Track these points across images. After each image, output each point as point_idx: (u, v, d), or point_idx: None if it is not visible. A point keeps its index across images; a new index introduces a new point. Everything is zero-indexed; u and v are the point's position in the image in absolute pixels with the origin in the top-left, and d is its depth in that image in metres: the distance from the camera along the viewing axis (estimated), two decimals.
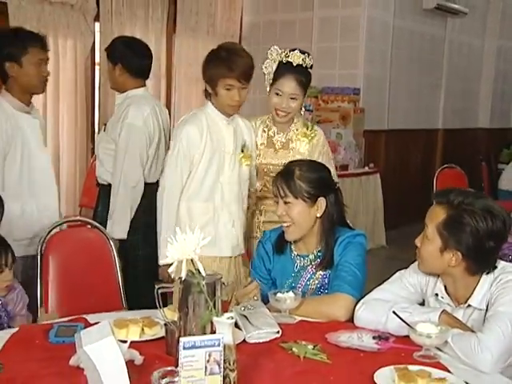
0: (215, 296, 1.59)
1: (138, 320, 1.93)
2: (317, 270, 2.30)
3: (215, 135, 2.79)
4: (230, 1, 7.06)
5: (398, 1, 6.82)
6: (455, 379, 1.64)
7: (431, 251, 1.97)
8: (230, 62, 2.70)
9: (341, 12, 6.49)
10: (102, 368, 1.45)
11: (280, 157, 2.95)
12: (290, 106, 2.89)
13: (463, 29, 8.12)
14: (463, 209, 1.91)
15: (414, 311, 1.93)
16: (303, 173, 2.28)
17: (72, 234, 2.70)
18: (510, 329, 1.78)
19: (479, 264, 1.94)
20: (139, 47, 3.46)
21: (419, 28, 7.26)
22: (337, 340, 1.90)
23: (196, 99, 6.87)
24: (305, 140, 2.99)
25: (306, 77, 2.90)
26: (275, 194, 2.32)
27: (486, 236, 1.89)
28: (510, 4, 8.80)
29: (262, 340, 1.89)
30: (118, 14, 5.91)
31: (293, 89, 2.86)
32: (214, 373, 1.45)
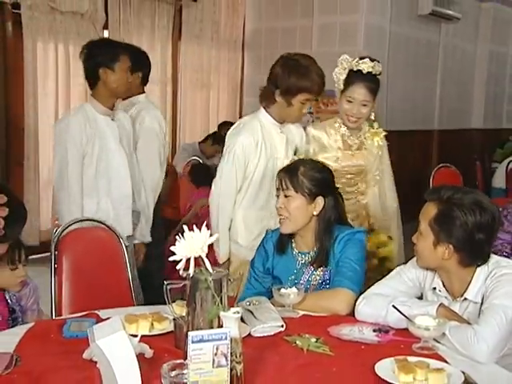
0: (222, 292, 1.59)
1: (147, 315, 1.93)
2: (317, 267, 2.30)
3: (269, 143, 2.82)
4: (233, 8, 7.06)
5: (395, 7, 6.80)
6: (453, 369, 1.64)
7: (425, 246, 1.97)
8: (313, 77, 2.75)
9: (339, 18, 6.48)
10: (114, 361, 1.45)
11: (359, 158, 2.98)
12: (361, 111, 2.88)
13: (457, 34, 8.10)
14: (453, 203, 1.92)
15: (412, 305, 1.93)
16: (307, 170, 2.29)
17: (84, 233, 2.69)
18: (505, 320, 1.78)
19: (471, 256, 1.94)
20: (147, 57, 3.54)
21: (415, 33, 7.25)
22: (339, 333, 1.90)
23: (201, 104, 6.89)
24: (374, 138, 3.00)
25: (375, 83, 2.89)
26: (277, 186, 2.32)
27: (476, 228, 1.90)
28: (501, 10, 8.80)
29: (266, 333, 1.89)
30: (125, 22, 5.92)
31: (364, 95, 2.85)
32: (222, 365, 1.45)
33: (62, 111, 5.49)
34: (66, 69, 5.49)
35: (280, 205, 2.29)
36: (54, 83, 5.45)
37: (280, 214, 2.30)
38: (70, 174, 2.86)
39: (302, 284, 2.27)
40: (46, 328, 1.93)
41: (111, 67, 2.90)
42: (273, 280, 2.35)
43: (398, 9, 6.88)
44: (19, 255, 2.20)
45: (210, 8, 6.77)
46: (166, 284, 1.70)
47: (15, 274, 2.20)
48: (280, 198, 2.30)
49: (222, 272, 1.63)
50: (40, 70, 5.34)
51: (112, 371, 1.45)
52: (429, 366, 1.63)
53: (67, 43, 5.45)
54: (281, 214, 2.29)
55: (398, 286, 2.09)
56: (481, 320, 1.81)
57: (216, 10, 6.87)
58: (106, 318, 1.83)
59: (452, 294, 2.01)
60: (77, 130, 2.87)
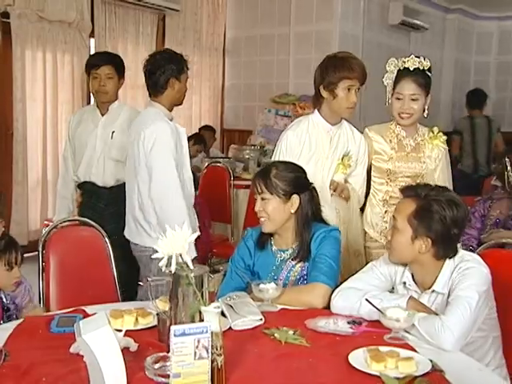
0: (203, 287, 1.59)
1: (132, 310, 1.92)
2: (296, 263, 2.30)
3: (314, 141, 2.77)
4: (214, 17, 7.05)
5: (367, 17, 6.85)
6: (421, 358, 1.65)
7: (403, 241, 1.98)
8: (351, 64, 2.71)
9: (315, 27, 6.51)
10: (100, 354, 1.44)
11: (413, 159, 2.83)
12: (412, 107, 2.75)
13: (424, 42, 8.17)
14: (431, 199, 1.95)
15: (384, 298, 1.95)
16: (279, 172, 2.28)
17: (71, 232, 2.68)
18: (469, 311, 1.80)
19: (445, 249, 1.96)
20: None
21: (386, 41, 7.30)
22: (315, 325, 1.90)
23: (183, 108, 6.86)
24: (433, 143, 2.85)
25: (424, 78, 2.76)
26: (254, 191, 2.32)
27: (452, 223, 1.93)
28: (464, 21, 8.90)
29: (246, 327, 1.89)
30: (111, 30, 5.90)
31: (412, 89, 2.73)
32: (203, 357, 1.45)
33: (49, 116, 5.45)
34: (54, 75, 5.45)
35: (258, 208, 2.28)
36: (42, 89, 5.40)
37: (260, 216, 2.29)
38: (176, 184, 2.81)
39: (280, 280, 2.27)
40: (34, 324, 1.91)
41: (178, 78, 2.98)
42: (252, 276, 2.35)
43: (370, 18, 6.93)
44: (15, 257, 2.17)
45: (192, 17, 6.76)
46: (150, 280, 1.70)
47: (10, 275, 2.17)
48: (257, 201, 2.29)
49: (202, 268, 1.63)
50: (28, 76, 5.29)
51: (98, 364, 1.44)
52: (399, 355, 1.64)
53: (55, 51, 5.41)
54: (261, 216, 2.29)
55: (371, 280, 2.10)
56: (447, 311, 1.83)
57: (198, 19, 6.86)
58: (93, 314, 1.82)
59: (421, 286, 2.02)
60: (171, 136, 2.86)
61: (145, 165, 2.84)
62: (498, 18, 9.29)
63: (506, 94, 9.23)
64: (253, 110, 6.94)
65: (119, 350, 1.47)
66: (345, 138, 2.82)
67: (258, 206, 2.29)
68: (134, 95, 6.24)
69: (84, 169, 3.40)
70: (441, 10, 8.51)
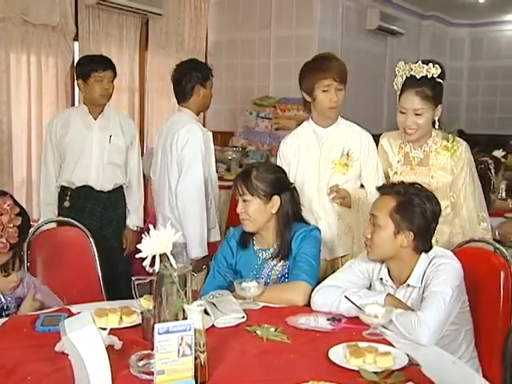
0: (186, 286, 1.59)
1: (116, 309, 1.91)
2: (277, 262, 2.30)
3: (304, 147, 2.71)
4: (196, 21, 7.03)
5: (345, 22, 6.88)
6: (398, 352, 1.66)
7: (385, 237, 1.98)
8: (324, 65, 2.62)
9: (295, 32, 6.53)
10: (85, 352, 1.43)
11: (417, 174, 2.55)
12: (416, 122, 2.46)
13: (401, 47, 8.24)
14: (411, 193, 1.98)
15: (362, 295, 1.96)
16: (259, 173, 2.27)
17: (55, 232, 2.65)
18: (443, 306, 1.82)
19: (424, 243, 1.99)
20: None
21: (364, 46, 7.35)
22: (296, 322, 1.90)
23: (167, 110, 6.83)
24: (446, 154, 2.52)
25: (432, 88, 2.45)
26: (235, 193, 2.31)
27: (431, 216, 1.96)
28: (438, 28, 9.00)
29: (228, 324, 1.89)
30: (94, 34, 5.83)
31: (416, 103, 2.44)
32: (186, 354, 1.44)
33: (34, 118, 5.39)
34: (38, 78, 5.38)
35: (240, 209, 2.27)
36: (26, 91, 5.33)
37: (241, 217, 2.28)
38: (201, 182, 3.02)
39: (262, 278, 2.27)
40: (19, 323, 1.89)
41: (203, 84, 3.16)
42: (235, 275, 2.35)
43: (348, 24, 6.96)
44: (13, 263, 2.12)
45: (174, 21, 6.73)
46: (134, 280, 1.69)
47: (7, 280, 2.12)
48: (239, 202, 2.28)
49: (186, 267, 1.63)
50: (13, 79, 5.22)
51: (83, 362, 1.43)
52: (377, 350, 1.65)
53: (39, 54, 5.35)
54: (242, 217, 2.28)
55: (350, 277, 2.11)
56: (423, 306, 1.85)
57: (180, 23, 6.82)
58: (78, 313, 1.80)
59: (397, 281, 2.04)
60: (202, 138, 3.07)
61: (176, 163, 3.02)
62: (470, 25, 9.43)
63: (476, 99, 9.35)
64: (234, 112, 6.93)
65: (104, 348, 1.46)
66: (343, 138, 2.69)
67: (240, 207, 2.27)
68: (118, 98, 6.18)
69: (81, 174, 3.28)
70: (416, 17, 8.59)
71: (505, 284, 2.12)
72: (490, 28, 9.39)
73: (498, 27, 9.36)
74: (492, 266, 2.17)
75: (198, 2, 7.00)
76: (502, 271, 2.13)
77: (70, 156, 3.28)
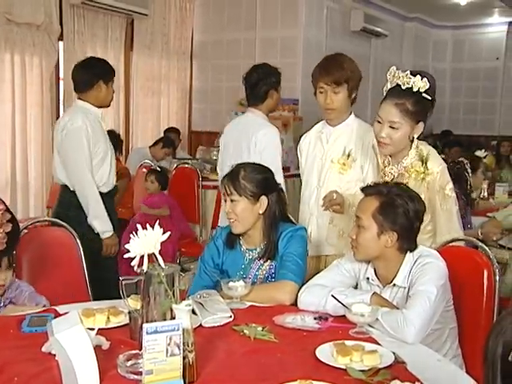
0: (174, 286, 1.58)
1: (103, 309, 1.90)
2: (264, 262, 2.30)
3: (316, 142, 2.79)
4: (181, 22, 7.02)
5: (329, 24, 6.92)
6: (384, 350, 1.67)
7: (369, 237, 1.99)
8: (323, 67, 2.69)
9: (280, 33, 6.54)
10: (72, 353, 1.42)
11: None
12: (390, 135, 2.25)
13: (385, 48, 8.30)
14: (394, 194, 1.97)
15: (349, 294, 1.96)
16: (247, 174, 2.26)
17: (41, 232, 2.63)
18: (428, 304, 1.84)
19: (408, 243, 1.99)
20: None
21: (348, 47, 7.35)
22: (283, 322, 1.91)
23: (152, 110, 6.82)
24: (416, 179, 2.31)
25: (414, 103, 2.22)
26: (223, 192, 2.30)
27: (414, 216, 1.96)
28: (421, 29, 9.10)
29: (216, 324, 1.88)
30: (79, 33, 5.81)
31: (393, 116, 2.23)
32: (175, 354, 1.44)
33: (18, 118, 5.35)
34: (23, 78, 5.34)
35: (228, 209, 2.26)
36: (10, 91, 5.29)
37: (229, 217, 2.28)
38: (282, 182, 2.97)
39: (249, 278, 2.26)
40: (5, 324, 1.87)
41: (277, 89, 3.35)
42: (221, 274, 2.34)
43: (332, 25, 7.00)
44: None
45: (160, 21, 6.71)
46: (122, 279, 1.68)
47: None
48: (227, 202, 2.27)
49: (173, 267, 1.62)
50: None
51: (70, 363, 1.42)
52: (364, 348, 1.66)
53: (23, 53, 5.30)
54: (230, 217, 2.27)
55: (336, 277, 2.11)
56: (408, 305, 1.86)
57: (166, 23, 6.81)
58: (64, 313, 1.79)
59: (383, 281, 2.05)
60: (279, 138, 3.27)
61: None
62: (452, 27, 9.54)
63: (459, 100, 9.45)
64: (220, 112, 6.93)
65: (92, 348, 1.45)
66: (346, 138, 2.69)
67: (228, 207, 2.27)
68: None
69: (113, 174, 3.26)
70: (399, 18, 8.66)
71: (488, 282, 2.14)
72: (472, 30, 9.51)
73: (479, 30, 9.48)
74: (475, 264, 2.19)
75: (184, 3, 6.99)
76: (485, 270, 2.15)
77: (102, 161, 3.18)
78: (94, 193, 3.09)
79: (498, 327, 1.01)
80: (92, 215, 3.08)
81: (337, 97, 2.64)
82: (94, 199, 3.08)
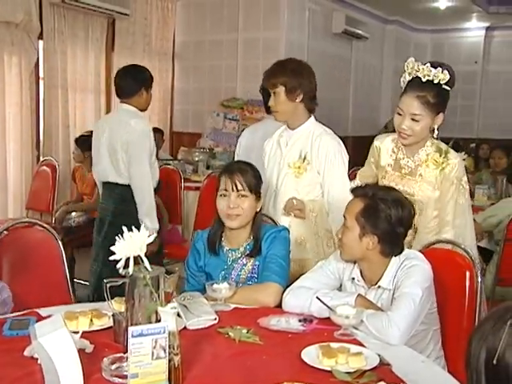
0: (159, 288, 1.57)
1: (87, 312, 1.88)
2: (247, 262, 2.30)
3: (276, 145, 2.80)
4: (163, 22, 6.98)
5: (311, 26, 6.93)
6: (369, 352, 1.68)
7: (352, 238, 2.00)
8: (269, 70, 2.74)
9: (262, 34, 6.54)
10: (56, 357, 1.40)
11: (406, 184, 2.44)
12: (412, 127, 2.33)
13: (366, 50, 8.35)
14: (378, 198, 1.98)
15: (334, 296, 1.97)
16: (254, 172, 2.30)
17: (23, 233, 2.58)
18: (413, 307, 1.85)
19: (391, 247, 2.00)
20: None
21: (330, 49, 7.42)
22: (267, 324, 1.90)
23: None
24: (434, 168, 2.39)
25: (435, 95, 2.29)
26: (225, 187, 2.24)
27: (397, 222, 1.96)
28: (401, 32, 9.18)
29: (201, 326, 1.87)
30: (60, 33, 5.73)
31: (414, 108, 2.30)
32: (160, 357, 1.43)
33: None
34: (1, 77, 5.25)
35: (233, 204, 2.22)
36: None
37: (233, 212, 2.23)
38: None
39: (232, 278, 2.27)
40: None
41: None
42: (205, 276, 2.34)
43: (314, 27, 7.02)
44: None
45: (141, 21, 6.66)
46: (106, 282, 1.66)
47: None
48: (232, 197, 2.23)
49: (159, 269, 1.61)
50: None
51: (54, 367, 1.40)
52: (349, 350, 1.66)
53: (1, 52, 5.22)
54: (234, 212, 2.23)
55: (320, 278, 2.12)
56: (393, 307, 1.87)
57: (147, 24, 6.77)
58: (47, 316, 1.77)
59: (369, 282, 2.06)
60: None
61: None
62: (432, 30, 9.64)
63: None
64: (202, 113, 6.91)
65: (76, 352, 1.43)
66: (303, 142, 2.72)
67: (233, 202, 2.23)
68: (83, 99, 6.11)
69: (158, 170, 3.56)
70: (380, 21, 8.72)
71: (470, 284, 2.16)
72: (451, 34, 9.64)
73: (458, 34, 9.61)
74: (458, 266, 2.21)
75: (166, 3, 6.95)
76: (468, 271, 2.17)
77: (154, 158, 3.48)
78: (151, 190, 3.36)
79: (480, 332, 1.01)
80: (144, 212, 3.32)
81: (275, 99, 2.69)
82: (150, 196, 3.36)
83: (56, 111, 5.75)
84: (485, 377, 0.99)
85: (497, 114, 9.30)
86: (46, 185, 4.94)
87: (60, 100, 5.77)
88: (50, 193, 4.86)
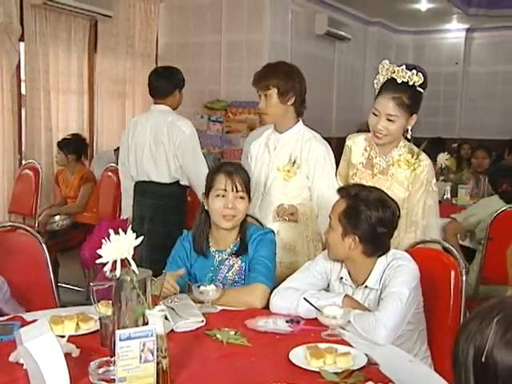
0: (146, 291, 1.56)
1: (73, 316, 1.86)
2: (234, 263, 2.29)
3: (264, 148, 2.79)
4: (146, 24, 6.95)
5: (294, 27, 6.95)
6: (357, 352, 1.68)
7: (335, 238, 2.02)
8: (257, 73, 2.72)
9: (245, 36, 6.54)
10: (42, 362, 1.38)
11: (376, 182, 2.46)
12: (387, 127, 2.38)
13: (348, 52, 8.39)
14: (359, 199, 1.98)
15: (320, 296, 1.97)
16: (247, 173, 2.31)
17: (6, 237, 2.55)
18: (400, 306, 1.86)
19: (373, 247, 2.00)
20: None
21: (313, 50, 7.45)
22: (255, 325, 1.90)
23: (117, 113, 6.72)
24: (406, 168, 2.45)
25: (410, 97, 2.36)
26: (225, 188, 2.22)
27: (378, 223, 1.96)
28: (383, 34, 9.22)
29: (188, 329, 1.86)
30: (41, 35, 5.67)
31: (390, 109, 2.36)
32: (148, 360, 1.42)
33: None
34: None
35: (231, 205, 2.22)
36: None
37: (230, 213, 2.23)
38: None
39: (219, 280, 2.26)
40: None
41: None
42: (189, 276, 2.32)
43: (297, 29, 7.04)
44: None
45: (124, 23, 6.62)
46: (92, 285, 1.65)
47: None
48: (230, 197, 2.23)
49: (146, 272, 1.60)
50: None
51: (40, 372, 1.38)
52: (337, 350, 1.66)
53: None
54: (230, 213, 2.23)
55: (307, 278, 2.12)
56: (380, 307, 1.88)
57: (130, 25, 6.72)
58: (32, 321, 1.75)
59: (356, 282, 2.06)
60: None
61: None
62: (413, 32, 9.72)
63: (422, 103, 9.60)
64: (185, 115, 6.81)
65: (63, 356, 1.42)
66: (292, 145, 2.72)
67: (231, 203, 2.22)
68: (66, 100, 6.06)
69: None
70: (362, 23, 8.77)
71: (455, 283, 2.18)
72: (432, 36, 9.72)
73: (439, 35, 9.70)
74: (443, 265, 2.22)
75: (148, 5, 6.92)
76: (453, 270, 2.19)
77: None
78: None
79: (466, 331, 1.01)
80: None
81: (265, 101, 2.68)
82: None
83: (38, 113, 5.69)
84: (473, 375, 0.99)
85: (478, 115, 9.41)
86: (29, 188, 4.89)
87: (42, 102, 5.71)
88: (32, 196, 4.80)
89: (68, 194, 4.89)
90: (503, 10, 7.78)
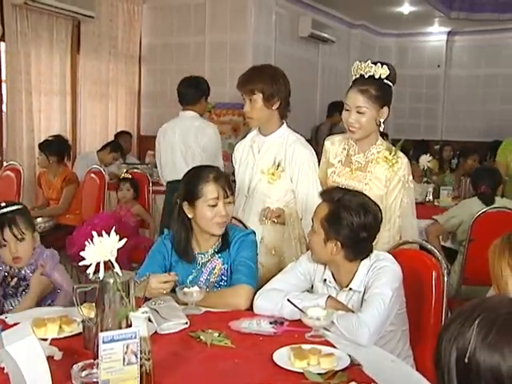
0: (130, 293, 1.55)
1: (55, 318, 1.84)
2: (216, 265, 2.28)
3: (248, 151, 2.81)
4: (129, 25, 6.92)
5: (278, 29, 6.96)
6: (340, 353, 1.69)
7: (317, 242, 2.02)
8: (241, 77, 2.72)
9: (229, 37, 6.54)
10: (24, 365, 1.37)
11: (355, 178, 2.53)
12: (359, 120, 2.44)
13: (332, 54, 8.43)
14: (341, 204, 1.98)
15: (304, 298, 1.98)
16: (227, 174, 2.33)
17: None
18: (383, 307, 1.87)
19: (355, 252, 2.01)
20: None
21: (296, 52, 7.47)
22: (239, 327, 1.90)
23: (100, 114, 6.68)
24: (384, 165, 2.51)
25: (377, 89, 2.42)
26: (217, 195, 2.22)
27: (360, 228, 1.97)
28: (366, 36, 9.26)
29: (172, 331, 1.86)
30: (23, 35, 5.61)
31: (359, 101, 2.43)
32: (132, 362, 1.42)
33: None
34: None
35: (224, 213, 2.22)
36: None
37: (223, 221, 2.24)
38: None
39: (201, 282, 2.26)
40: None
41: None
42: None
43: (281, 30, 7.05)
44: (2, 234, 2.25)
45: (107, 23, 6.59)
46: (76, 287, 1.64)
47: (5, 251, 2.26)
48: (221, 206, 2.22)
49: (129, 274, 1.59)
50: None
51: (22, 376, 1.37)
52: (320, 351, 1.67)
53: None
54: (224, 221, 2.24)
55: (291, 280, 2.12)
56: (363, 308, 1.89)
57: (113, 26, 6.69)
58: (13, 324, 1.73)
59: (340, 284, 2.07)
60: None
61: None
62: (396, 34, 9.79)
63: (404, 105, 9.68)
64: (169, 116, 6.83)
65: (45, 359, 1.41)
66: (277, 148, 2.72)
67: (223, 209, 2.22)
68: (48, 101, 6.01)
69: None
70: (346, 25, 8.81)
71: (437, 284, 2.19)
72: (414, 38, 9.81)
73: (421, 38, 9.79)
74: (425, 266, 2.24)
75: (131, 6, 6.90)
76: (434, 271, 2.21)
77: None
78: None
79: (449, 332, 1.02)
80: None
81: (250, 105, 2.68)
82: None
83: (20, 115, 5.64)
84: (456, 376, 1.00)
85: (460, 117, 9.50)
86: (10, 190, 4.85)
87: (24, 103, 5.65)
88: (14, 198, 4.75)
89: (50, 196, 4.84)
90: (484, 14, 7.88)
